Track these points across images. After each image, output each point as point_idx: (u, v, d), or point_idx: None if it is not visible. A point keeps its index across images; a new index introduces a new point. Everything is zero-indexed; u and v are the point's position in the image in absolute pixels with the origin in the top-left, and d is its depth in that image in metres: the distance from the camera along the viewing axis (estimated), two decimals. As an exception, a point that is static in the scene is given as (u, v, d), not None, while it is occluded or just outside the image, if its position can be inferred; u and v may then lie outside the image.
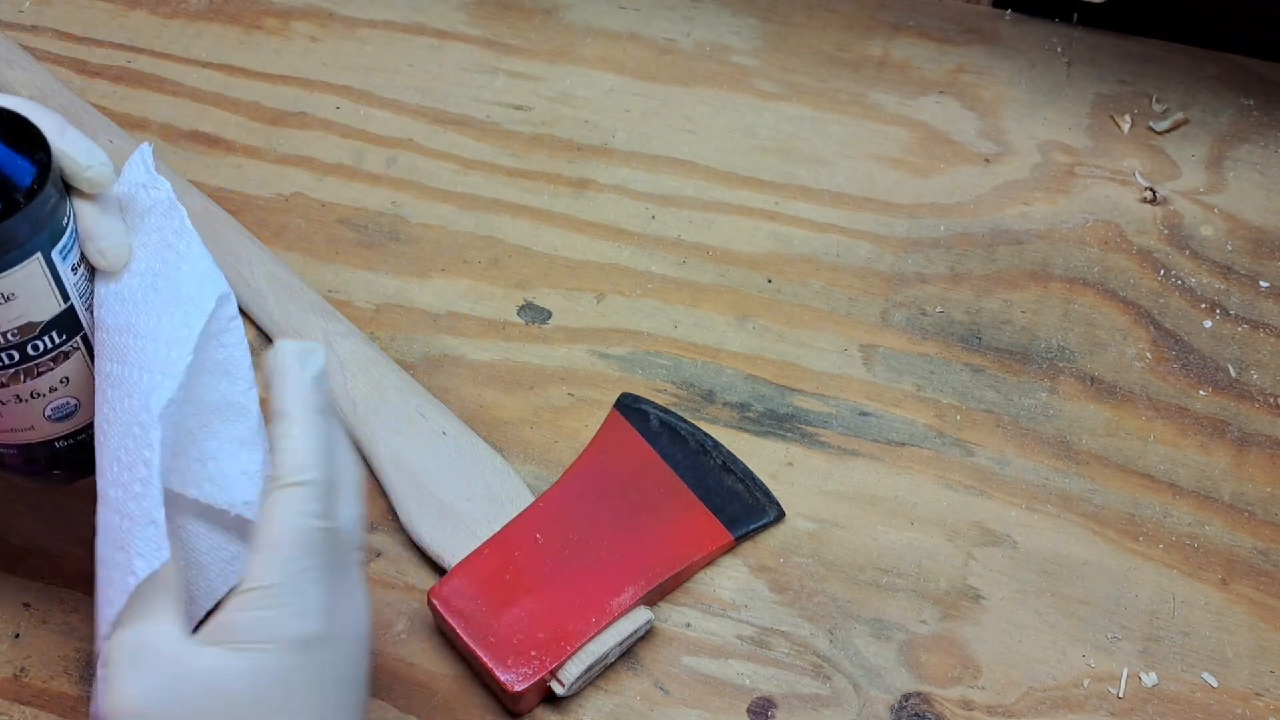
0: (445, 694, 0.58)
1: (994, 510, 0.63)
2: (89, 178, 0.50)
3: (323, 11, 0.83)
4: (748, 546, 0.62)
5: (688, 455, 0.63)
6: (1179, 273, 0.71)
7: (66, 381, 0.53)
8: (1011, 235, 0.72)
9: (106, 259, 0.50)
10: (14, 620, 0.60)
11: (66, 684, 0.58)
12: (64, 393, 0.53)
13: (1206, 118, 0.77)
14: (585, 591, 0.58)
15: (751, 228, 0.73)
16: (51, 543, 0.62)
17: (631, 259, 0.72)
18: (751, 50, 0.80)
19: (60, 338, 0.51)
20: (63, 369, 0.52)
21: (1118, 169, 0.74)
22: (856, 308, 0.70)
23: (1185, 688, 0.58)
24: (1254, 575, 0.61)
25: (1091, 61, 0.79)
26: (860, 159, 0.75)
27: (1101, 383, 0.67)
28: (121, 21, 0.82)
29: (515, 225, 0.73)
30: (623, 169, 0.75)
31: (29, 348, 0.50)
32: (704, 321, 0.69)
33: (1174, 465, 0.64)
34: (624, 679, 0.58)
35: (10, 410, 0.52)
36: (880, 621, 0.60)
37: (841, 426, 0.66)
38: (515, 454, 0.64)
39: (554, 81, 0.79)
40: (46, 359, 0.51)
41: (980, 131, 0.76)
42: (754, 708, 0.58)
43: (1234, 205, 0.73)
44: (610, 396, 0.66)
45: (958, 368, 0.67)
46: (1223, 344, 0.68)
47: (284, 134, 0.77)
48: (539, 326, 0.69)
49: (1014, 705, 0.58)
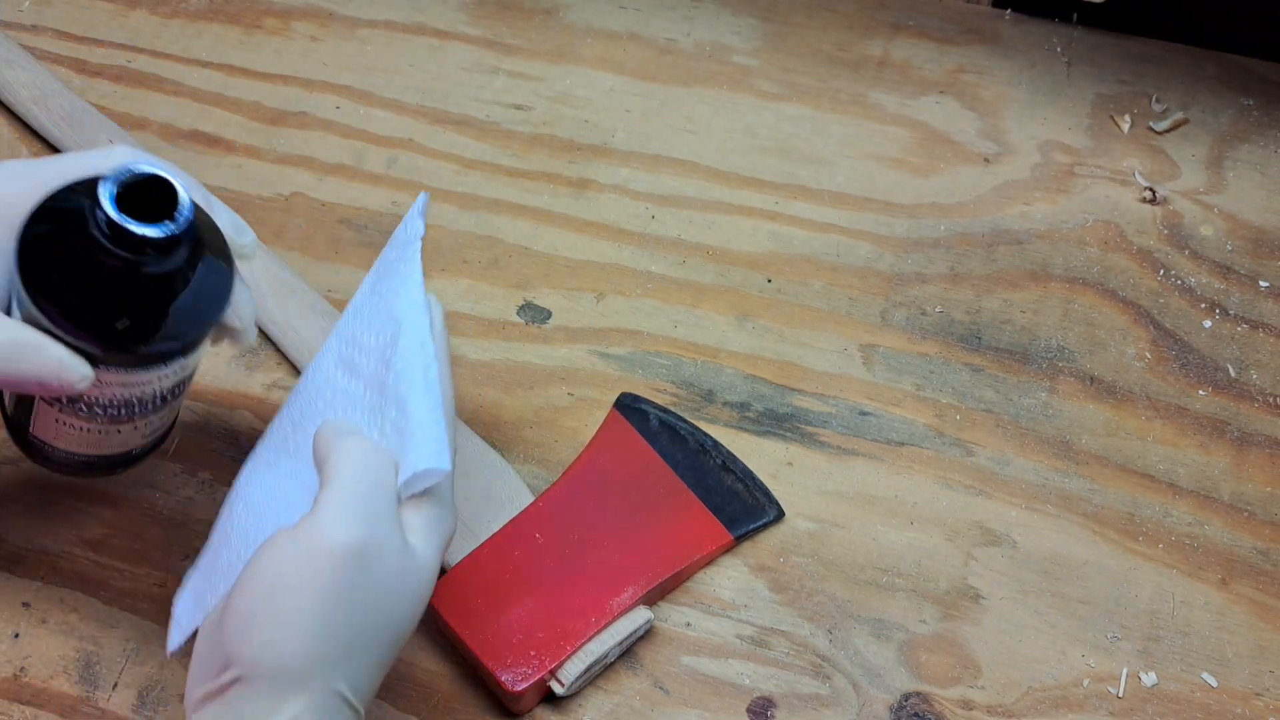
0: (445, 694, 0.58)
1: (994, 510, 0.63)
2: (241, 253, 0.52)
3: (323, 11, 0.83)
4: (748, 546, 0.62)
5: (688, 455, 0.63)
6: (1179, 273, 0.71)
7: (173, 409, 0.54)
8: (1011, 235, 0.72)
9: (243, 323, 0.52)
10: (13, 620, 0.60)
11: (66, 684, 0.58)
12: (168, 418, 0.55)
13: (1206, 118, 0.77)
14: (585, 591, 0.58)
15: (751, 228, 0.73)
16: (51, 543, 0.62)
17: (631, 259, 0.72)
18: (751, 50, 0.80)
19: (189, 383, 0.53)
20: (177, 402, 0.54)
21: (1118, 169, 0.74)
22: (856, 308, 0.70)
23: (1185, 688, 0.58)
24: (1254, 575, 0.61)
25: (1091, 61, 0.79)
26: (860, 159, 0.75)
27: (1101, 383, 0.67)
28: (121, 21, 0.82)
29: (515, 225, 0.73)
30: (623, 169, 0.75)
31: (170, 394, 0.52)
32: (704, 321, 0.69)
33: (1174, 465, 0.64)
34: (624, 679, 0.58)
35: (115, 437, 0.53)
36: (880, 621, 0.60)
37: (841, 426, 0.66)
38: (515, 454, 0.64)
39: (554, 81, 0.79)
40: (178, 400, 0.54)
41: (980, 131, 0.76)
42: (754, 707, 0.58)
43: (1234, 205, 0.73)
44: (610, 396, 0.66)
45: (957, 368, 0.67)
46: (1222, 344, 0.68)
47: (284, 134, 0.77)
48: (539, 326, 0.69)
49: (1014, 705, 0.58)
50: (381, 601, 0.45)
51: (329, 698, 0.44)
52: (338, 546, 0.44)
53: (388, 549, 0.45)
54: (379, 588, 0.45)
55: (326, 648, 0.44)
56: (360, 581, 0.44)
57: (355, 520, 0.45)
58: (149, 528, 0.63)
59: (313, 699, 0.43)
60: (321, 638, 0.44)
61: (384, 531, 0.45)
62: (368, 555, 0.44)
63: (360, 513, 0.45)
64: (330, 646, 0.44)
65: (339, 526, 0.44)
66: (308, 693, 0.43)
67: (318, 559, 0.44)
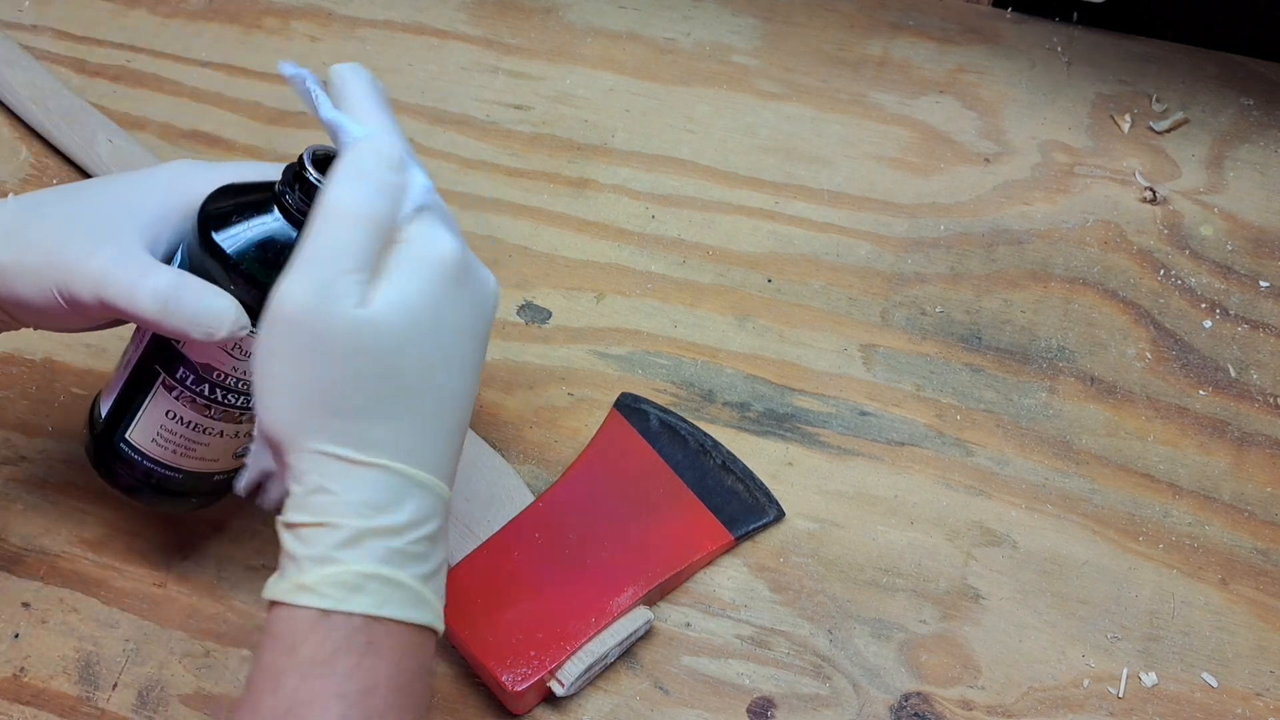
0: (445, 694, 0.58)
1: (994, 510, 0.63)
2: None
3: (323, 11, 0.82)
4: (748, 546, 0.62)
5: (688, 455, 0.63)
6: (1179, 273, 0.71)
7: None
8: (1011, 235, 0.72)
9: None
10: (13, 620, 0.60)
11: (65, 684, 0.58)
12: (251, 434, 0.55)
13: (1206, 117, 0.77)
14: (585, 591, 0.58)
15: (751, 227, 0.73)
16: (51, 543, 0.62)
17: (631, 259, 0.72)
18: (751, 50, 0.80)
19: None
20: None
21: (1118, 169, 0.74)
22: (856, 308, 0.70)
23: (1185, 688, 0.58)
24: (1254, 575, 0.61)
25: (1092, 61, 0.79)
26: (860, 159, 0.75)
27: (1101, 382, 0.67)
28: (121, 21, 0.82)
29: (515, 225, 0.73)
30: (623, 169, 0.75)
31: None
32: (704, 321, 0.69)
33: (1174, 465, 0.64)
34: (624, 679, 0.58)
35: (214, 443, 0.55)
36: (880, 621, 0.60)
37: (841, 426, 0.66)
38: (515, 454, 0.64)
39: (554, 81, 0.79)
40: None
41: (980, 131, 0.76)
42: (754, 708, 0.58)
43: (1234, 205, 0.73)
44: (610, 396, 0.66)
45: (958, 368, 0.67)
46: (1223, 344, 0.68)
47: (284, 133, 0.77)
48: (539, 326, 0.69)
49: (1014, 705, 0.58)
50: (354, 363, 0.45)
51: (309, 464, 0.45)
52: (289, 309, 0.45)
53: (340, 305, 0.44)
54: (340, 348, 0.45)
55: (301, 409, 0.45)
56: (317, 346, 0.44)
57: (304, 280, 0.45)
58: (149, 528, 0.63)
59: (296, 461, 0.45)
60: (288, 399, 0.45)
61: (337, 290, 0.44)
62: (317, 316, 0.44)
63: (312, 275, 0.45)
64: (305, 409, 0.45)
65: (287, 289, 0.45)
66: (295, 451, 0.45)
67: (275, 324, 0.45)
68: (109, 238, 0.50)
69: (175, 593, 0.61)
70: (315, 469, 0.45)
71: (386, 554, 0.45)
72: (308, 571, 0.44)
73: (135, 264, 0.50)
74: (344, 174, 0.46)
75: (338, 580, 0.44)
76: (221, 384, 0.53)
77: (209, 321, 0.49)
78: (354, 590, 0.44)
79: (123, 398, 0.55)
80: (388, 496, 0.45)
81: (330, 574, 0.44)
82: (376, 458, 0.45)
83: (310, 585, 0.44)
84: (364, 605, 0.44)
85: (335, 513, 0.44)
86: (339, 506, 0.44)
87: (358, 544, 0.44)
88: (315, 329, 0.44)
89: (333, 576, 0.44)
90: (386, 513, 0.45)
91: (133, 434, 0.55)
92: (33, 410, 0.67)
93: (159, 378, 0.53)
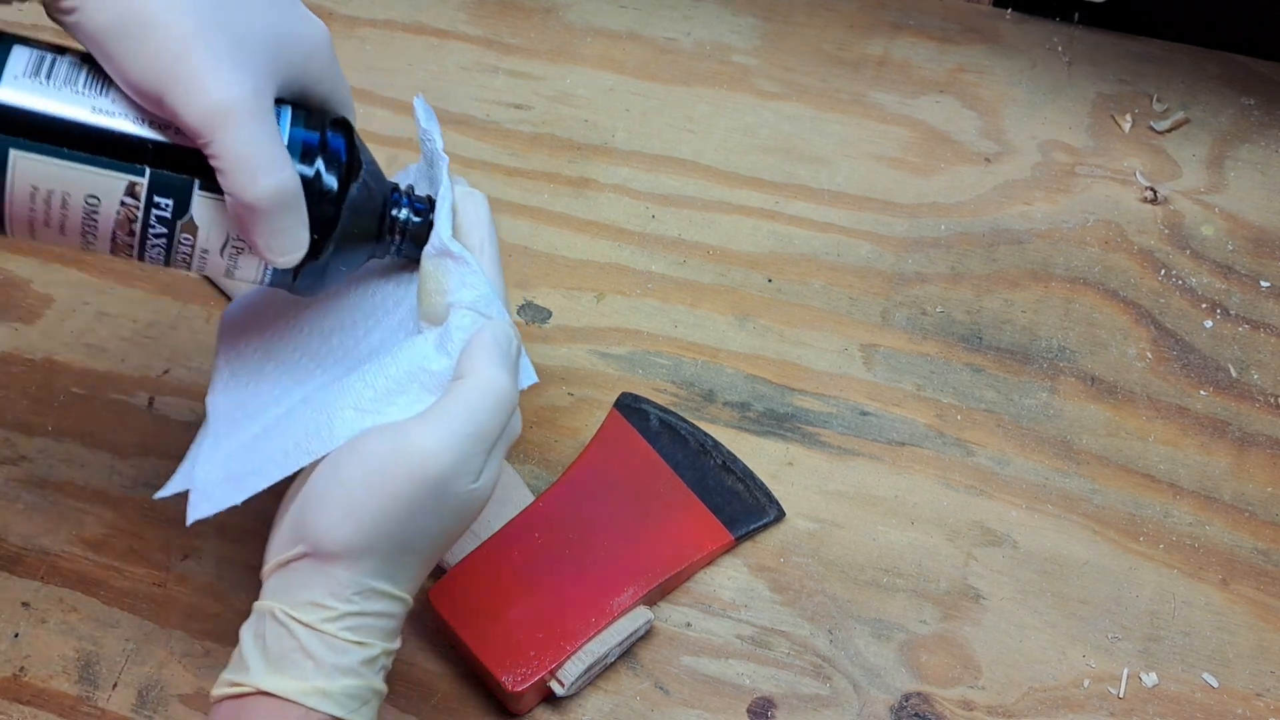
0: (445, 694, 0.58)
1: (994, 510, 0.63)
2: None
3: (322, 11, 0.82)
4: (748, 546, 0.62)
5: (688, 455, 0.63)
6: (1179, 273, 0.70)
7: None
8: (1012, 235, 0.72)
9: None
10: (13, 620, 0.60)
11: (65, 684, 0.58)
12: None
13: (1207, 117, 0.77)
14: (585, 591, 0.58)
15: (751, 227, 0.73)
16: (51, 542, 0.62)
17: (631, 259, 0.71)
18: (751, 50, 0.80)
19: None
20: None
21: (1118, 169, 0.74)
22: (856, 307, 0.70)
23: (1185, 688, 0.58)
24: (1254, 575, 0.61)
25: (1092, 61, 0.79)
26: (860, 159, 0.75)
27: (1102, 383, 0.67)
28: (121, 21, 0.82)
29: (515, 224, 0.73)
30: (623, 168, 0.75)
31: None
32: (704, 321, 0.69)
33: (1174, 465, 0.64)
34: (624, 679, 0.58)
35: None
36: (880, 621, 0.60)
37: (841, 426, 0.66)
38: (515, 454, 0.64)
39: (554, 81, 0.79)
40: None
41: (981, 131, 0.76)
42: (754, 708, 0.58)
43: (1234, 205, 0.73)
44: (610, 396, 0.66)
45: (958, 367, 0.67)
46: (1223, 344, 0.68)
47: (284, 133, 0.77)
48: (539, 326, 0.69)
49: (1014, 705, 0.58)
50: (442, 522, 0.48)
51: (364, 589, 0.47)
52: (428, 471, 0.46)
53: (464, 480, 0.47)
54: (443, 510, 0.47)
55: (380, 545, 0.47)
56: (430, 505, 0.47)
57: (451, 452, 0.47)
58: (149, 528, 0.63)
59: (352, 582, 0.47)
60: (378, 536, 0.47)
61: (471, 468, 0.47)
62: (446, 483, 0.47)
63: (459, 449, 0.47)
64: (383, 545, 0.47)
65: (433, 453, 0.46)
66: (350, 573, 0.47)
67: (401, 471, 0.46)
68: (244, 64, 0.45)
69: (175, 593, 0.61)
70: (361, 595, 0.47)
71: (384, 669, 0.49)
72: (334, 679, 0.46)
73: (269, 142, 0.45)
74: (494, 357, 0.48)
75: (354, 693, 0.47)
76: (181, 249, 0.48)
77: (287, 251, 0.47)
78: (363, 703, 0.47)
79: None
80: (398, 621, 0.49)
81: (350, 686, 0.47)
82: (404, 592, 0.49)
83: (331, 693, 0.46)
84: (364, 716, 0.47)
85: (372, 635, 0.47)
86: (376, 632, 0.48)
87: (375, 662, 0.48)
88: (437, 491, 0.47)
89: (352, 689, 0.47)
90: (396, 636, 0.49)
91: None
92: (33, 410, 0.67)
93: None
